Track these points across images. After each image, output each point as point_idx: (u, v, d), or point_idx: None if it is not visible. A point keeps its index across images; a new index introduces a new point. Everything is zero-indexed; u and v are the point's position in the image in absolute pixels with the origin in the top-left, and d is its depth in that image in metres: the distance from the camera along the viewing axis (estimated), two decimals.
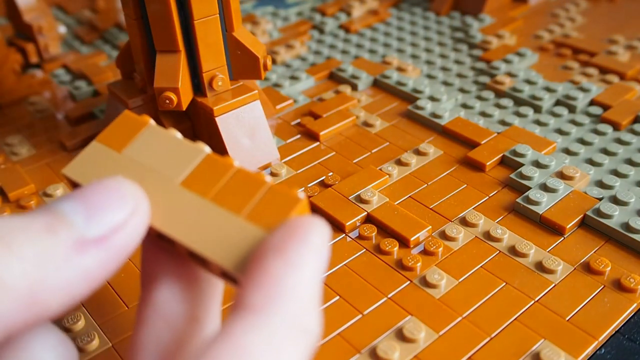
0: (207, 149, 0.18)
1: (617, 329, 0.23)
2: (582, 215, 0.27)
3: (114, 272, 0.16)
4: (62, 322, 0.24)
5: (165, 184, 0.17)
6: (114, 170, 0.17)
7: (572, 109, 0.36)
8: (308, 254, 0.15)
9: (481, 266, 0.26)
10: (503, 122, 0.35)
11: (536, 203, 0.28)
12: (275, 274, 0.15)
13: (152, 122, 0.18)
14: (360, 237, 0.27)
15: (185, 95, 0.30)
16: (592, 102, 0.36)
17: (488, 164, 0.31)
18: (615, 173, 0.30)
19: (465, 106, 0.37)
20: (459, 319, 0.23)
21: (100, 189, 0.16)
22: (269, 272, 0.15)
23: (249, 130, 0.32)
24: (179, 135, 0.18)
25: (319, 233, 0.16)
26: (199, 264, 0.17)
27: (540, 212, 0.28)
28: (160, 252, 0.18)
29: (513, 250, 0.26)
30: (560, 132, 0.34)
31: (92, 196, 0.15)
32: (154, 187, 0.17)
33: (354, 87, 0.39)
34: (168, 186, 0.17)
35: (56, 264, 0.14)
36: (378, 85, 0.40)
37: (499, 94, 0.38)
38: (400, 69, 0.41)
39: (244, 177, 0.17)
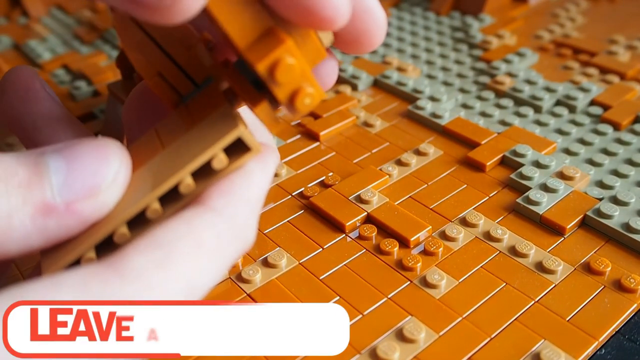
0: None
1: (617, 330, 0.23)
2: (582, 216, 0.27)
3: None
4: None
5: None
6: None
7: (572, 109, 0.36)
8: (263, 176, 0.18)
9: (481, 266, 0.26)
10: (503, 122, 0.35)
11: (536, 203, 0.28)
12: (239, 190, 0.17)
13: None
14: (360, 237, 0.27)
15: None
16: (593, 102, 0.36)
17: (488, 164, 0.31)
18: (616, 173, 0.30)
19: (465, 106, 0.37)
20: (459, 319, 0.23)
21: (89, 149, 0.16)
22: (234, 186, 0.17)
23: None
24: None
25: (273, 159, 0.19)
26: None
27: (541, 212, 0.27)
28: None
29: (513, 251, 0.26)
30: (560, 132, 0.34)
31: (77, 155, 0.16)
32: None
33: (354, 87, 0.39)
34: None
35: (21, 219, 0.15)
36: (378, 85, 0.40)
37: (499, 94, 0.38)
38: (400, 69, 0.41)
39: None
